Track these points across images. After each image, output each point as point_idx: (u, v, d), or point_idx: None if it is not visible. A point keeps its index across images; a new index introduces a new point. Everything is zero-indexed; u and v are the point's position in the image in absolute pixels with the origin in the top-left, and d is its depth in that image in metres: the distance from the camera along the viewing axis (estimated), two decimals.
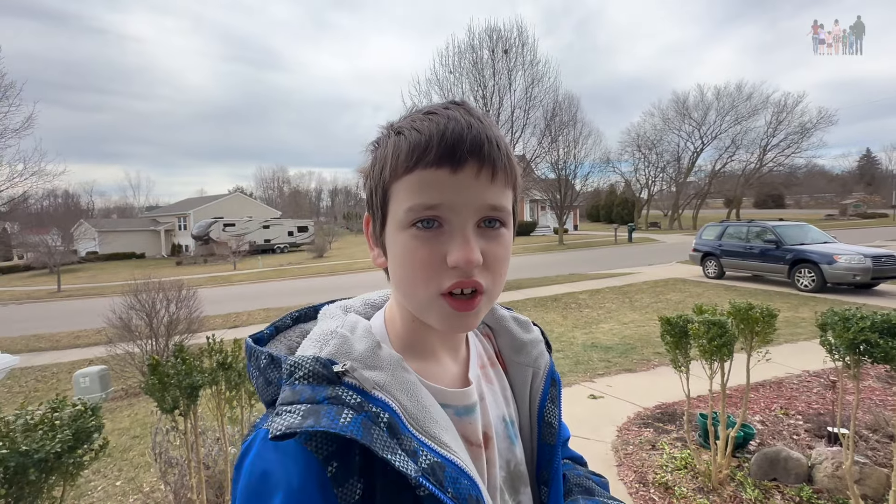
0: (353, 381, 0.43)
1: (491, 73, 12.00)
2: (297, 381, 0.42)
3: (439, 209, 0.45)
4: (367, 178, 0.51)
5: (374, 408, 0.42)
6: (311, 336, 0.50)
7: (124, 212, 65.82)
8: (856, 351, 1.95)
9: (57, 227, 26.51)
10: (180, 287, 6.42)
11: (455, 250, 0.45)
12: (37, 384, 6.50)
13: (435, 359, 0.55)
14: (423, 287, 0.46)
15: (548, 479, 0.59)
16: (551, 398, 0.61)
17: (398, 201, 0.46)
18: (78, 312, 11.63)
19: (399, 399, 0.45)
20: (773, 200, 57.21)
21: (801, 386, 4.14)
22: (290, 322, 0.57)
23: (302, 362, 0.42)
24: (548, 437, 0.59)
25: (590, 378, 4.66)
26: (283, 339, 0.55)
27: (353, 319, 0.52)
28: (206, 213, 35.48)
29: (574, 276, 12.43)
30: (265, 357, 0.48)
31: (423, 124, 0.46)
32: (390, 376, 0.46)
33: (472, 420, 0.52)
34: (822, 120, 33.25)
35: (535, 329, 0.67)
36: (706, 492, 2.57)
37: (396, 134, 0.47)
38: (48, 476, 1.17)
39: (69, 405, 1.32)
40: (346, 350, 0.46)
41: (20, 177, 10.24)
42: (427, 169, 0.45)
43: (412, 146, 0.45)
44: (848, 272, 8.39)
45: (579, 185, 28.95)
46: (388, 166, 0.47)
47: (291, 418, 0.38)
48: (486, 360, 0.62)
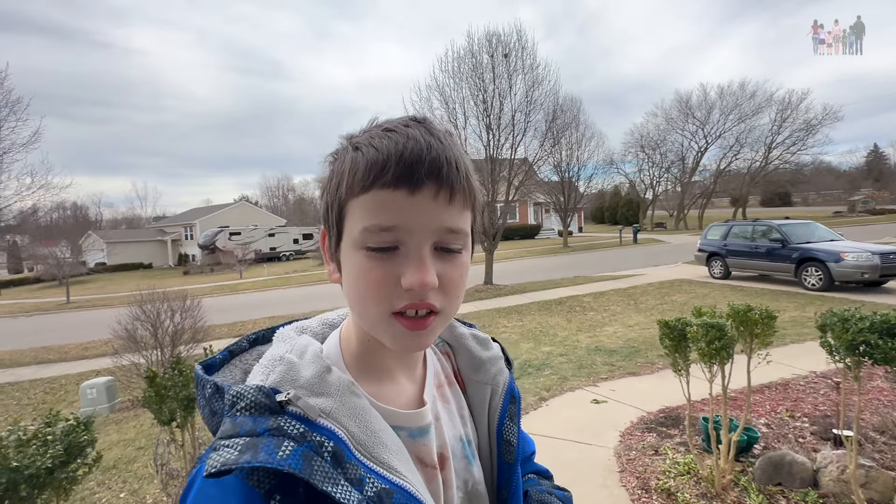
0: (297, 410, 0.42)
1: (491, 77, 12.01)
2: (239, 412, 0.40)
3: (395, 231, 0.44)
4: (324, 191, 0.50)
5: (317, 436, 0.41)
6: (262, 362, 0.49)
7: (132, 222, 66.49)
8: (855, 352, 1.92)
9: (66, 239, 26.84)
10: (185, 297, 6.47)
11: (410, 273, 0.44)
12: (45, 396, 6.56)
13: (390, 379, 0.54)
14: (374, 306, 0.46)
15: (507, 497, 0.58)
16: (510, 416, 0.61)
17: (353, 220, 0.46)
18: (86, 324, 11.75)
19: (346, 425, 0.44)
20: (780, 198, 56.66)
21: (808, 387, 4.08)
22: (246, 345, 0.56)
23: (244, 392, 0.41)
24: (506, 456, 0.59)
25: (593, 382, 4.62)
26: (238, 364, 0.54)
27: (302, 343, 0.51)
28: (212, 222, 35.80)
29: (578, 279, 12.38)
30: (210, 386, 0.47)
31: (382, 142, 0.45)
32: (338, 402, 0.45)
33: (426, 441, 0.52)
34: (827, 116, 32.97)
35: (494, 346, 0.67)
36: (709, 497, 2.54)
37: (354, 149, 0.46)
38: (41, 491, 1.18)
39: (62, 420, 1.33)
40: (292, 377, 0.45)
41: (28, 190, 10.40)
42: (384, 189, 0.44)
43: (369, 164, 0.44)
44: (856, 270, 8.28)
45: (583, 186, 28.89)
46: (344, 183, 0.46)
47: (228, 453, 0.37)
48: (444, 378, 0.61)
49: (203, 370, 0.50)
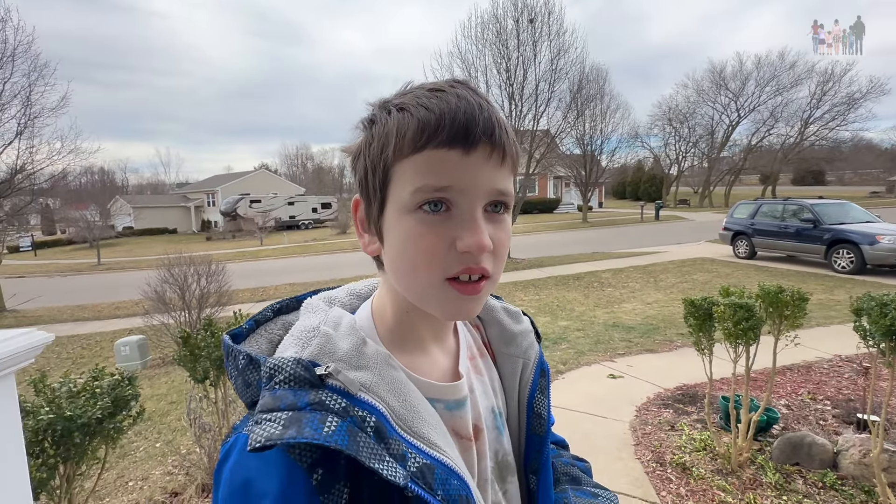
0: (338, 384, 0.41)
1: (515, 44, 11.57)
2: (278, 385, 0.39)
3: (449, 192, 0.43)
4: (360, 157, 0.48)
5: (360, 411, 0.40)
6: (293, 333, 0.48)
7: (156, 188, 68.05)
8: (892, 338, 1.87)
9: (95, 203, 27.73)
10: (210, 262, 6.65)
11: (466, 235, 0.43)
12: (82, 351, 6.94)
13: (424, 351, 0.53)
14: (427, 272, 0.44)
15: (537, 468, 0.59)
16: (541, 389, 0.61)
17: (403, 182, 0.44)
18: (117, 284, 12.25)
19: (386, 400, 0.43)
20: (814, 177, 54.19)
21: (832, 371, 4.01)
22: (270, 314, 0.54)
23: (282, 365, 0.40)
24: (537, 428, 0.59)
25: (610, 358, 4.64)
26: (263, 333, 0.52)
27: (336, 314, 0.49)
28: (233, 189, 36.28)
29: (597, 255, 12.24)
30: (243, 357, 0.45)
31: (432, 101, 0.43)
32: (377, 376, 0.44)
33: (462, 414, 0.51)
34: (872, 89, 30.84)
35: (525, 319, 0.66)
36: (725, 474, 2.56)
37: (399, 110, 0.44)
38: (91, 439, 1.27)
39: (108, 375, 1.41)
40: (330, 349, 0.44)
41: (58, 155, 10.62)
42: (439, 149, 0.42)
43: (422, 124, 0.43)
44: (891, 253, 7.96)
45: (605, 160, 28.14)
46: (391, 145, 0.44)
47: (272, 428, 0.36)
48: (476, 350, 0.61)
49: (231, 340, 0.49)
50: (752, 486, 2.44)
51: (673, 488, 2.49)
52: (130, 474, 3.13)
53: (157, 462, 3.27)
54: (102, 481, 3.07)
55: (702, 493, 2.42)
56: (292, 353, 0.43)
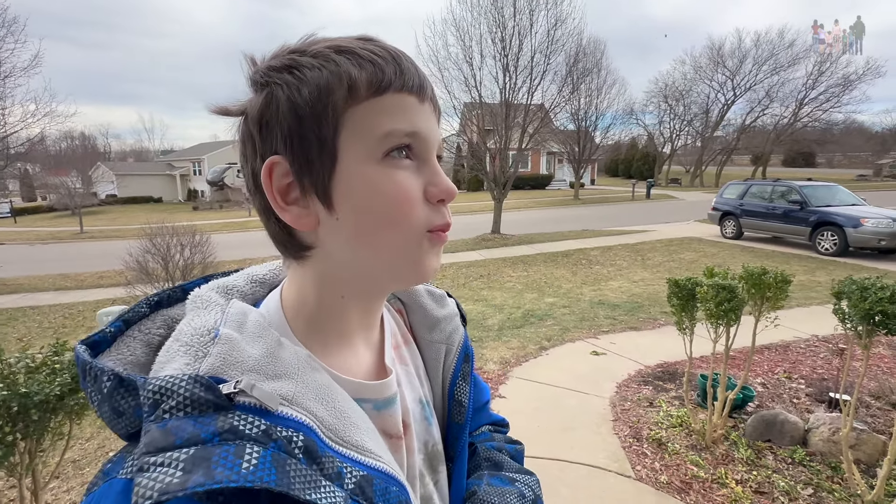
0: (252, 402, 0.33)
1: (511, 12, 11.17)
2: (170, 413, 0.30)
3: (415, 138, 0.41)
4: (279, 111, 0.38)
5: (283, 431, 0.33)
6: (179, 337, 0.37)
7: (140, 155, 66.23)
8: (870, 321, 1.88)
9: (76, 170, 26.88)
10: (194, 232, 6.52)
11: (438, 180, 0.42)
12: (64, 321, 6.84)
13: (348, 345, 0.47)
14: (404, 227, 0.40)
15: (454, 456, 0.56)
16: (463, 375, 0.58)
17: (362, 130, 0.39)
18: (101, 253, 12.01)
19: (313, 411, 0.36)
20: (804, 159, 54.57)
21: (808, 350, 4.11)
22: (146, 310, 0.44)
23: (173, 386, 0.31)
24: (457, 416, 0.57)
25: (594, 335, 4.69)
26: (137, 336, 0.42)
27: (238, 309, 0.40)
28: (221, 158, 35.40)
29: (587, 233, 12.27)
30: (109, 377, 0.34)
31: (374, 47, 0.41)
32: (299, 383, 0.37)
33: (392, 413, 0.47)
34: (868, 71, 30.77)
35: (450, 302, 0.62)
36: (699, 449, 2.63)
37: (338, 53, 0.39)
38: (53, 415, 1.23)
39: (69, 349, 1.36)
40: (236, 358, 0.35)
41: (33, 117, 10.18)
42: (399, 93, 0.40)
43: (378, 67, 0.39)
44: (874, 236, 8.09)
45: (599, 137, 27.90)
46: (340, 89, 0.38)
47: (167, 475, 0.27)
48: (400, 338, 0.57)
49: (89, 351, 0.38)
50: (724, 462, 2.51)
51: (648, 462, 2.55)
52: (111, 445, 3.13)
53: None
54: (83, 451, 3.07)
55: (675, 468, 2.48)
56: (181, 366, 0.34)
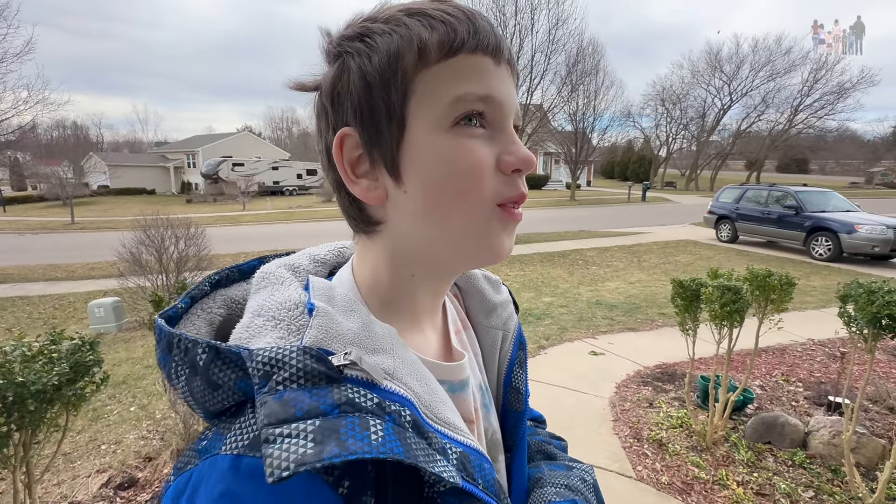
0: (359, 375, 0.32)
1: (513, 10, 11.22)
2: (283, 384, 0.29)
3: (490, 102, 0.37)
4: (350, 79, 0.37)
5: (392, 405, 0.32)
6: (262, 311, 0.36)
7: (133, 146, 65.49)
8: (877, 325, 1.88)
9: (67, 159, 26.50)
10: (188, 225, 6.43)
11: (515, 149, 0.38)
12: (54, 311, 6.73)
13: (418, 327, 0.46)
14: (473, 199, 0.37)
15: (512, 445, 0.55)
16: (519, 362, 0.57)
17: (433, 95, 0.36)
18: (92, 244, 11.83)
19: (412, 386, 0.35)
20: (797, 165, 55.18)
21: (805, 354, 4.13)
22: (208, 288, 0.43)
23: (284, 357, 0.30)
24: (514, 404, 0.55)
25: (592, 335, 4.68)
26: (200, 314, 0.41)
27: (322, 284, 0.39)
28: (215, 151, 35.08)
29: (583, 233, 12.29)
30: (204, 350, 0.33)
31: (449, 8, 0.38)
32: (396, 359, 0.36)
33: (465, 396, 0.46)
34: (862, 80, 31.15)
35: (504, 289, 0.61)
36: (699, 450, 2.62)
37: (409, 16, 0.37)
38: (49, 406, 1.18)
39: (67, 339, 1.31)
40: (336, 331, 0.34)
41: (25, 104, 10.03)
42: (473, 54, 0.37)
43: (452, 27, 0.37)
44: (867, 243, 8.17)
45: (596, 139, 27.98)
46: (410, 52, 0.36)
47: (299, 447, 0.26)
48: (460, 324, 0.55)
49: (168, 324, 0.37)
50: (724, 463, 2.51)
51: (649, 463, 2.54)
52: (104, 438, 3.07)
53: (131, 426, 3.20)
54: (74, 444, 3.01)
55: (676, 469, 2.47)
56: (275, 340, 0.33)
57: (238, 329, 0.36)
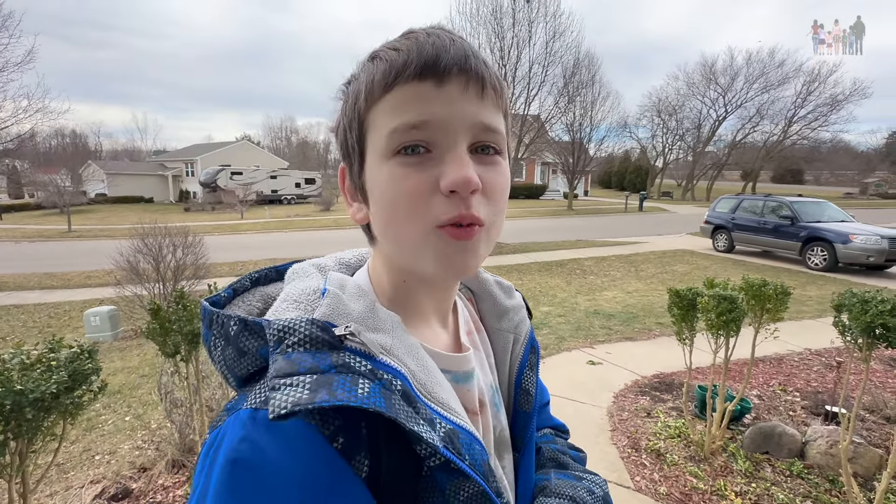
0: (358, 346, 0.37)
1: (511, 23, 11.33)
2: (291, 348, 0.35)
3: (427, 128, 0.39)
4: (339, 122, 0.45)
5: (385, 374, 0.37)
6: (287, 297, 0.43)
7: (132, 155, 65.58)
8: (871, 334, 1.89)
9: (66, 167, 26.48)
10: (186, 233, 6.43)
11: (450, 171, 0.38)
12: (49, 320, 6.68)
13: (426, 322, 0.50)
14: (412, 222, 0.40)
15: (521, 445, 0.57)
16: (530, 365, 0.59)
17: (377, 128, 0.41)
18: (89, 253, 11.80)
19: (407, 363, 0.40)
20: (792, 175, 55.62)
21: (802, 364, 4.14)
22: (248, 284, 0.50)
23: (295, 326, 0.36)
24: (524, 405, 0.58)
25: (590, 344, 4.68)
26: (241, 304, 0.47)
27: (337, 277, 0.46)
28: (214, 159, 35.14)
29: (581, 243, 12.33)
30: (235, 322, 0.40)
31: (402, 43, 0.41)
32: (395, 338, 0.41)
33: (469, 387, 0.49)
34: (855, 92, 31.54)
35: (517, 295, 0.65)
36: (697, 461, 2.61)
37: (370, 60, 0.42)
38: (46, 415, 1.18)
39: (66, 347, 1.31)
40: (342, 310, 0.40)
41: (25, 113, 10.04)
42: (407, 84, 0.39)
43: (389, 64, 0.40)
44: (862, 253, 8.23)
45: (593, 149, 28.19)
46: (362, 95, 0.41)
47: (297, 393, 0.32)
48: (473, 325, 0.59)
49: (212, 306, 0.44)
50: (723, 473, 2.50)
51: (647, 473, 2.53)
52: (98, 448, 3.04)
53: (125, 436, 3.17)
54: (68, 454, 2.97)
55: (675, 479, 2.47)
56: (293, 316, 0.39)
57: (269, 312, 0.43)
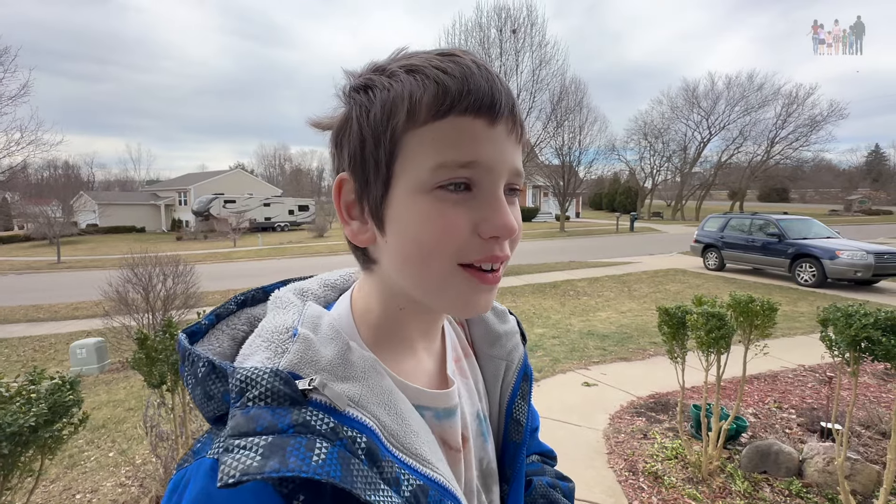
0: (323, 400, 0.35)
1: (498, 52, 11.75)
2: (252, 402, 0.33)
3: (474, 168, 0.38)
4: (350, 128, 0.40)
5: (349, 431, 0.35)
6: (261, 333, 0.41)
7: (125, 185, 65.66)
8: (857, 348, 1.91)
9: (57, 199, 26.42)
10: (177, 262, 6.39)
11: (494, 216, 0.38)
12: (34, 353, 6.53)
13: (411, 352, 0.48)
14: (440, 258, 0.38)
15: (510, 477, 0.55)
16: (522, 394, 0.57)
17: (418, 156, 0.38)
18: (77, 284, 11.64)
19: (377, 415, 0.38)
20: (778, 194, 56.81)
21: (796, 380, 4.13)
22: (234, 307, 0.48)
23: (257, 377, 0.34)
24: (514, 435, 0.56)
25: (584, 365, 4.65)
26: (226, 330, 0.46)
27: (313, 312, 0.43)
28: (207, 188, 35.26)
29: (574, 264, 12.39)
30: (204, 364, 0.38)
31: (449, 65, 0.38)
32: (365, 387, 0.39)
33: (452, 424, 0.47)
34: (832, 113, 32.74)
35: (511, 319, 0.62)
36: (695, 482, 2.57)
37: (409, 73, 0.38)
38: (24, 449, 1.15)
39: (47, 378, 1.29)
40: (311, 357, 0.38)
41: (17, 145, 10.11)
42: (464, 116, 0.37)
43: (443, 87, 0.37)
44: (849, 268, 8.34)
45: (583, 172, 28.70)
46: (401, 111, 0.38)
47: (247, 458, 0.30)
48: (461, 351, 0.56)
49: (188, 339, 0.42)
50: (721, 495, 2.46)
51: (645, 497, 2.48)
52: (79, 486, 2.92)
53: (108, 473, 3.06)
54: (47, 493, 2.86)
55: (673, 502, 2.42)
56: (263, 360, 0.38)
57: (245, 345, 0.41)
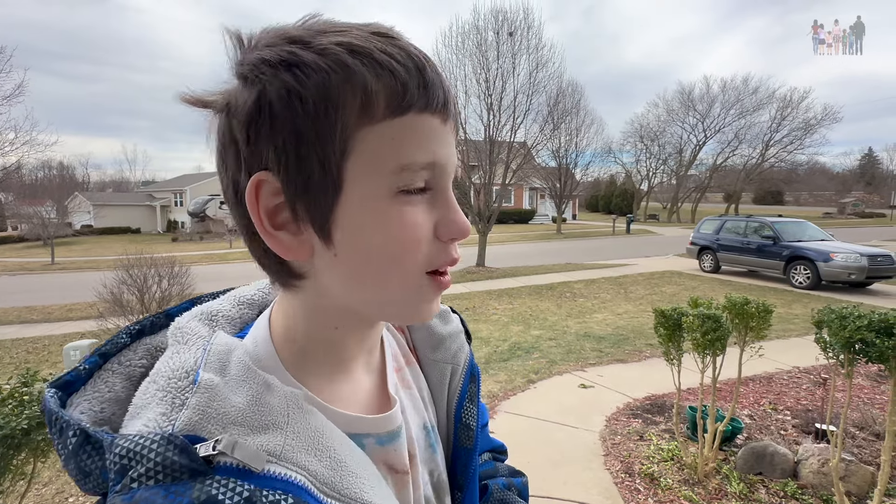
0: (234, 462, 0.29)
1: (495, 55, 11.72)
2: (137, 482, 0.26)
3: (432, 169, 0.35)
4: (272, 118, 0.31)
5: (271, 495, 0.29)
6: (157, 378, 0.33)
7: (120, 186, 65.37)
8: (851, 349, 1.92)
9: (51, 199, 26.25)
10: (173, 263, 6.36)
11: (452, 219, 0.36)
12: (27, 355, 6.47)
13: (346, 374, 0.42)
14: (405, 269, 0.35)
15: (463, 484, 0.52)
16: (470, 397, 0.54)
17: (378, 156, 0.33)
18: (71, 285, 11.56)
19: (305, 465, 0.32)
20: (773, 196, 57.22)
21: (791, 382, 4.15)
22: (126, 339, 0.40)
23: (142, 451, 0.27)
24: (464, 441, 0.52)
25: (581, 367, 4.66)
26: (117, 369, 0.38)
27: (221, 345, 0.35)
28: (203, 189, 35.11)
29: (570, 266, 12.42)
30: (75, 434, 0.31)
31: (394, 50, 0.33)
32: (289, 434, 0.33)
33: (396, 447, 0.43)
34: (826, 117, 33.09)
35: (454, 318, 0.58)
36: (691, 484, 2.58)
37: (351, 54, 0.32)
38: (17, 452, 1.14)
39: (40, 380, 1.28)
40: (217, 410, 0.31)
41: (11, 146, 10.05)
42: (422, 114, 0.33)
43: (401, 80, 0.32)
44: (844, 270, 8.40)
45: (579, 174, 28.80)
46: (353, 102, 0.32)
47: None
48: (402, 359, 0.52)
49: (58, 396, 0.34)
50: (717, 496, 2.47)
51: (641, 499, 2.49)
52: (72, 489, 2.90)
53: None
54: (40, 496, 2.83)
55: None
56: (156, 417, 0.30)
57: (138, 392, 0.34)
